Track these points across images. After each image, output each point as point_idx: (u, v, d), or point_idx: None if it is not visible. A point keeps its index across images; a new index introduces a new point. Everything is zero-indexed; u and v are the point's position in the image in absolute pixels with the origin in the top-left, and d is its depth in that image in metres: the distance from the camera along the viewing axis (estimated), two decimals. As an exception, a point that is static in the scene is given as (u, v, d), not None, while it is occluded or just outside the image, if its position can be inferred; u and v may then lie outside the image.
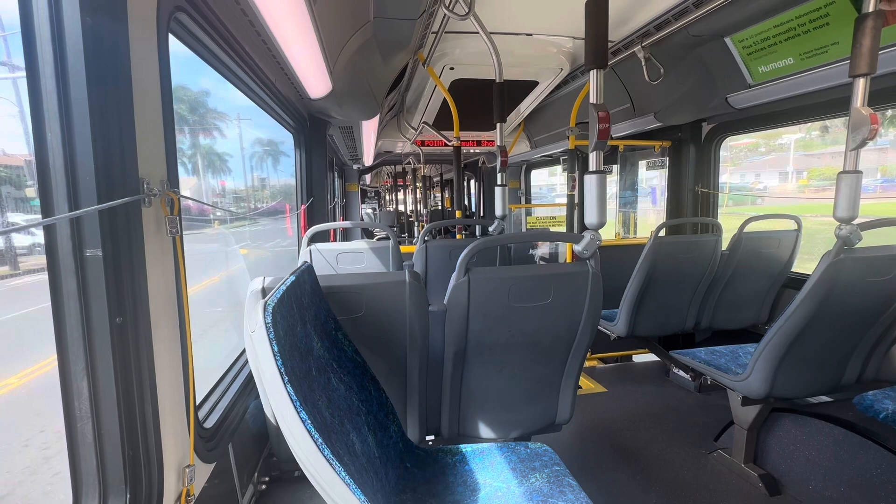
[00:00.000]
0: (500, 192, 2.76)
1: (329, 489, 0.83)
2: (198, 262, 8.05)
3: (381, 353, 1.52)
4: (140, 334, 1.00)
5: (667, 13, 2.29)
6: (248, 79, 1.99)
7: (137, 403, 1.00)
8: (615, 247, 3.65)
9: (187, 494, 1.16)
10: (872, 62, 1.51)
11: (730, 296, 2.94)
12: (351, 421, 1.15)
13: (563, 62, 3.05)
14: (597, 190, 1.54)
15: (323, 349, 1.19)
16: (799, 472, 2.01)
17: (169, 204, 1.09)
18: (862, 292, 1.75)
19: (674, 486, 2.10)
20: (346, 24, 1.97)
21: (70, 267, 0.91)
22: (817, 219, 6.73)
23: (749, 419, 2.10)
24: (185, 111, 17.55)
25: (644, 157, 4.35)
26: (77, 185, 0.89)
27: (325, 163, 3.57)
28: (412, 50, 2.73)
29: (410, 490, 1.36)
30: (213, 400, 1.63)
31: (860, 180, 1.60)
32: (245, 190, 20.06)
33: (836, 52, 2.08)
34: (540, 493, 1.31)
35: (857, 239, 1.63)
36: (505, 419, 1.74)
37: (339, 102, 2.58)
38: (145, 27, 1.02)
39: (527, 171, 7.03)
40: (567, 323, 1.61)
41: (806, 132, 15.12)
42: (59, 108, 0.86)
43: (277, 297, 0.92)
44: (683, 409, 2.83)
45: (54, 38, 0.85)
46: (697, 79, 2.80)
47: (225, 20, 1.52)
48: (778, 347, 1.83)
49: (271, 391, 0.82)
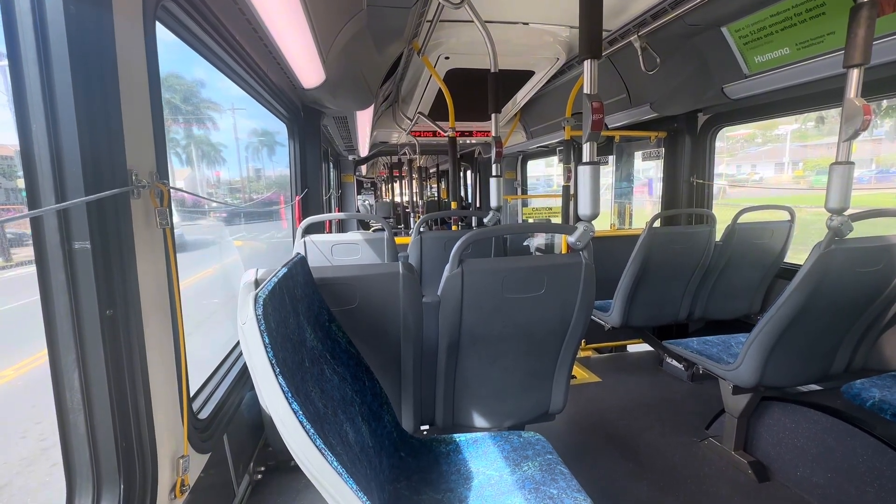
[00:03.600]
0: (496, 183, 2.75)
1: (321, 478, 0.83)
2: (192, 254, 8.03)
3: (375, 344, 1.52)
4: (131, 326, 1.00)
5: (663, 2, 2.27)
6: (240, 68, 1.97)
7: (129, 395, 1.00)
8: (610, 237, 3.66)
9: (182, 484, 1.17)
10: (866, 53, 1.51)
11: (723, 286, 2.96)
12: (344, 411, 1.16)
13: (559, 51, 3.03)
14: (590, 181, 1.54)
15: (316, 340, 1.19)
16: (787, 459, 2.05)
17: (158, 195, 1.08)
18: (852, 283, 1.77)
19: (665, 473, 2.13)
20: (338, 12, 1.94)
21: (58, 259, 0.90)
22: (812, 210, 6.76)
23: (739, 407, 2.13)
24: (178, 101, 17.35)
25: (640, 147, 4.34)
26: (64, 177, 0.88)
27: (320, 153, 3.54)
28: (407, 39, 2.70)
29: (405, 479, 1.38)
30: (207, 391, 1.64)
31: (852, 171, 1.61)
32: (240, 181, 19.93)
33: (832, 42, 2.08)
34: (532, 480, 1.33)
35: (847, 230, 1.64)
36: (498, 409, 1.76)
37: (332, 93, 2.56)
38: (131, 15, 1.00)
39: (523, 161, 7.01)
40: (560, 314, 1.61)
41: (802, 122, 15.12)
42: (44, 98, 0.85)
43: (269, 288, 0.92)
44: (676, 398, 2.86)
45: (37, 26, 0.84)
46: (693, 69, 2.79)
47: (214, 8, 1.49)
48: (768, 337, 1.85)
49: (263, 382, 0.82)
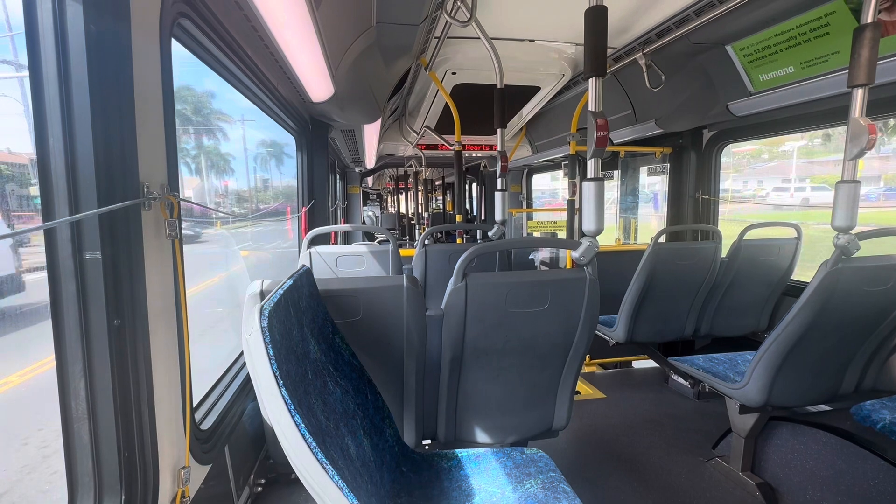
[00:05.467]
0: (500, 197, 2.76)
1: (322, 493, 0.83)
2: (199, 263, 8.08)
3: (378, 357, 1.52)
4: (138, 336, 1.01)
5: (668, 21, 2.30)
6: (251, 82, 2.01)
7: (134, 405, 1.01)
8: (615, 252, 3.65)
9: (182, 496, 1.17)
10: (871, 73, 1.52)
11: (729, 303, 2.93)
12: (346, 425, 1.15)
13: (564, 68, 3.07)
14: (595, 197, 1.55)
15: (320, 353, 1.19)
16: (796, 482, 2.00)
17: (168, 207, 1.10)
18: (860, 301, 1.75)
19: (670, 493, 2.09)
20: (348, 29, 1.98)
21: (69, 269, 0.92)
22: (819, 227, 6.72)
23: (747, 427, 2.10)
24: (189, 112, 17.67)
25: (645, 163, 4.36)
26: (78, 189, 0.90)
27: (327, 165, 3.58)
28: (414, 55, 2.75)
29: (406, 494, 1.37)
30: (210, 401, 1.64)
31: (858, 190, 1.60)
32: (248, 191, 20.14)
33: (837, 62, 2.09)
34: (535, 498, 1.31)
35: (855, 248, 1.63)
36: (501, 424, 1.74)
37: (341, 106, 2.60)
38: (148, 33, 1.03)
39: (528, 175, 7.04)
40: (564, 329, 1.61)
41: (808, 139, 15.11)
42: (62, 113, 0.88)
43: (274, 301, 0.92)
44: (682, 416, 2.82)
45: (58, 44, 0.86)
46: (698, 86, 2.81)
47: (228, 25, 1.53)
48: (775, 356, 1.83)
49: (266, 395, 0.82)
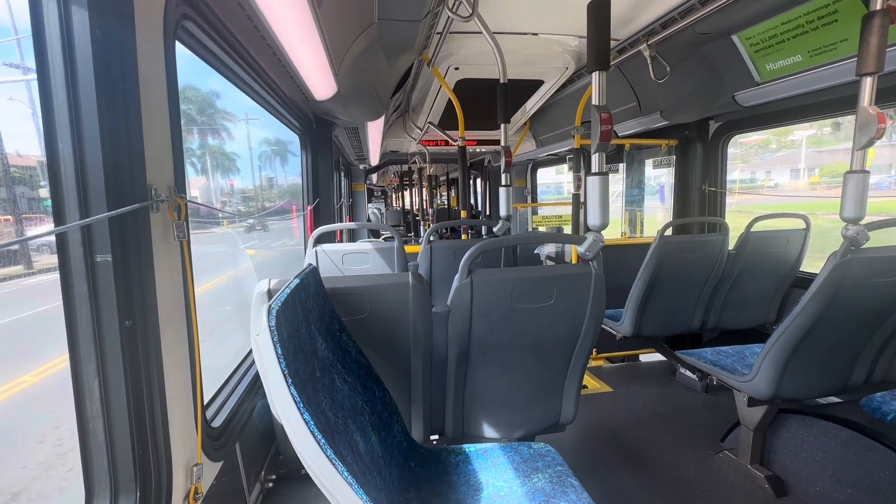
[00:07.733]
0: (505, 192, 2.76)
1: (332, 488, 0.84)
2: (207, 262, 8.15)
3: (385, 353, 1.53)
4: (149, 337, 1.03)
5: (672, 11, 2.27)
6: (254, 83, 2.02)
7: (146, 404, 1.03)
8: (621, 246, 3.63)
9: (195, 492, 1.19)
10: (880, 60, 1.49)
11: (737, 295, 2.91)
12: (355, 421, 1.17)
13: (568, 61, 3.04)
14: (599, 191, 1.54)
15: (327, 350, 1.21)
16: (806, 474, 2.00)
17: (176, 209, 1.11)
18: (869, 293, 1.73)
19: (679, 486, 2.09)
20: (350, 26, 1.98)
21: (81, 272, 0.93)
22: (829, 217, 6.63)
23: (755, 420, 2.09)
24: (193, 112, 17.75)
25: (650, 155, 4.32)
26: (87, 193, 0.91)
27: (331, 163, 3.59)
28: (417, 51, 2.74)
29: (414, 489, 1.38)
30: (220, 399, 1.66)
31: (867, 180, 1.58)
32: (253, 189, 20.24)
33: (845, 50, 2.06)
34: (542, 493, 1.32)
35: (864, 239, 1.61)
36: (508, 419, 1.75)
37: (344, 104, 2.60)
38: (152, 36, 1.04)
39: (533, 169, 7.01)
40: (570, 324, 1.61)
41: (818, 128, 14.88)
42: (70, 118, 0.89)
43: (282, 300, 0.93)
44: (690, 409, 2.81)
45: (64, 48, 0.88)
46: (704, 77, 2.78)
47: (231, 26, 1.54)
48: (784, 348, 1.82)
49: (275, 393, 0.84)
